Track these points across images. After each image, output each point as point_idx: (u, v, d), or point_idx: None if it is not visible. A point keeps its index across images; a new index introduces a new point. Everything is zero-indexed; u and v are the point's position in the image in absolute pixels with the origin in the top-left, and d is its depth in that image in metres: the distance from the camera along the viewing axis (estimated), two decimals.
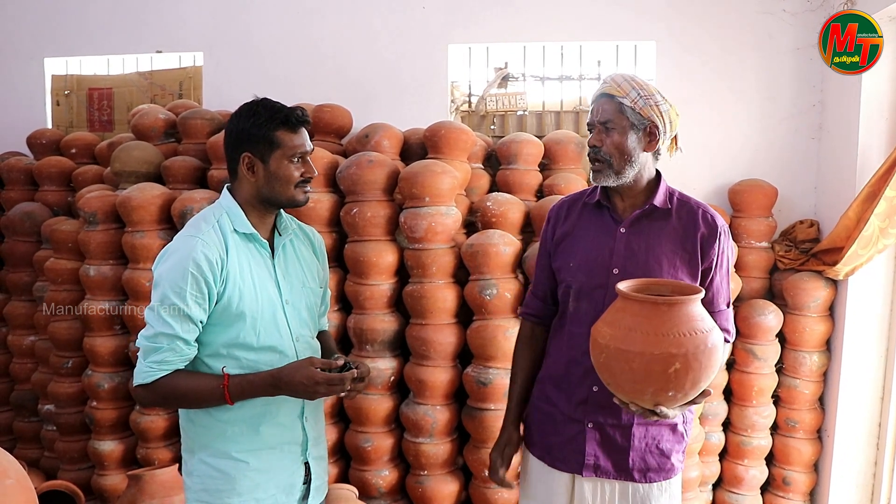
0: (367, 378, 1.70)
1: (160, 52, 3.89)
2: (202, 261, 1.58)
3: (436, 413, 2.75)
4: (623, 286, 1.53)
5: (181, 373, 1.60)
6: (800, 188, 3.30)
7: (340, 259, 2.95)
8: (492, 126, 3.77)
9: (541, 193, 3.15)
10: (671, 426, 1.76)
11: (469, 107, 3.79)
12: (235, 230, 1.67)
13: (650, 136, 1.71)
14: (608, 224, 1.78)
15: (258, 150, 1.65)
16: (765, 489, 3.17)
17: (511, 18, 3.48)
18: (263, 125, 1.63)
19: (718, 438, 3.10)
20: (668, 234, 1.74)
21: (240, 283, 1.63)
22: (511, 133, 3.44)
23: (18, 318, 3.37)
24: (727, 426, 3.14)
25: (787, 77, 3.29)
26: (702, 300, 1.67)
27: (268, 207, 1.71)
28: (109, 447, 2.99)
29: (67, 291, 3.10)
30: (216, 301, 1.61)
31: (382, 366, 2.79)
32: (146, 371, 1.58)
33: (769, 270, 3.20)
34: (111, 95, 4.02)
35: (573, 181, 3.08)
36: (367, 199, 2.81)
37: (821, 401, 3.12)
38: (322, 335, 1.94)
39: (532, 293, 1.98)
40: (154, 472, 2.56)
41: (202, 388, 1.60)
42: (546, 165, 3.24)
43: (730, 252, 1.79)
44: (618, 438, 1.74)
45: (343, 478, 2.91)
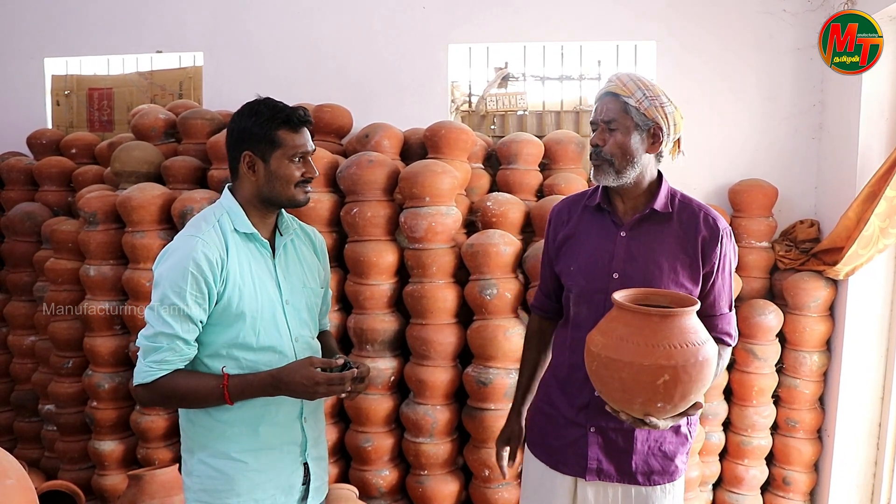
0: (368, 378, 1.70)
1: (160, 52, 3.89)
2: (202, 261, 1.58)
3: (436, 413, 2.75)
4: (618, 296, 1.52)
5: (181, 373, 1.60)
6: (800, 188, 3.30)
7: (340, 259, 2.95)
8: (492, 126, 3.77)
9: (541, 193, 3.15)
10: (674, 428, 1.74)
11: (469, 107, 3.79)
12: (236, 230, 1.67)
13: (654, 138, 1.69)
14: (609, 227, 1.76)
15: (259, 150, 1.65)
16: (765, 489, 3.17)
17: (511, 18, 3.48)
18: (265, 124, 1.63)
19: (718, 438, 3.10)
20: (669, 238, 1.71)
21: (240, 284, 1.63)
22: (511, 133, 3.44)
23: (19, 318, 3.37)
24: (727, 426, 3.14)
25: (788, 77, 3.29)
26: (704, 303, 1.67)
27: (268, 207, 1.71)
28: (110, 447, 2.99)
29: (67, 291, 3.10)
30: (216, 301, 1.61)
31: (382, 366, 2.79)
32: (146, 371, 1.58)
33: (769, 270, 3.20)
34: (111, 95, 4.02)
35: (573, 181, 3.08)
36: (368, 199, 2.81)
37: (821, 401, 3.12)
38: (323, 335, 1.94)
39: (539, 289, 2.00)
40: (154, 472, 2.56)
41: (202, 388, 1.60)
42: (546, 165, 3.24)
43: (733, 255, 1.77)
44: (620, 442, 1.73)
45: (343, 478, 2.91)
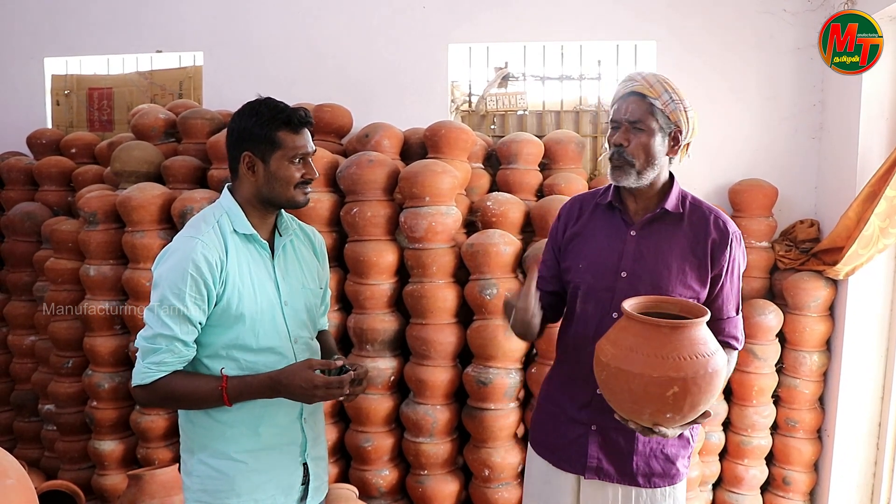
0: (366, 380, 1.70)
1: (160, 52, 3.89)
2: (202, 262, 1.57)
3: (436, 413, 2.75)
4: (628, 305, 1.52)
5: (179, 374, 1.60)
6: (800, 188, 3.30)
7: (340, 259, 2.95)
8: (492, 126, 3.77)
9: (541, 193, 3.15)
10: None
11: (469, 106, 3.79)
12: (235, 231, 1.66)
13: (674, 141, 1.69)
14: (619, 226, 1.75)
15: (259, 150, 1.64)
16: (765, 489, 3.17)
17: (511, 18, 3.48)
18: (265, 125, 1.63)
19: (718, 438, 3.09)
20: (679, 239, 1.71)
21: (239, 285, 1.63)
22: (511, 133, 3.44)
23: (18, 318, 3.37)
24: (727, 426, 3.14)
25: (788, 77, 3.29)
26: (711, 307, 1.66)
27: (268, 207, 1.70)
28: (110, 447, 2.99)
29: (67, 291, 3.10)
30: (215, 303, 1.61)
31: (382, 365, 2.79)
32: (144, 372, 1.58)
33: (769, 270, 3.20)
34: (111, 95, 4.02)
35: (573, 181, 3.08)
36: (368, 199, 2.81)
37: (821, 401, 3.12)
38: (322, 335, 1.94)
39: (539, 286, 1.87)
40: (154, 472, 2.56)
41: (200, 390, 1.59)
42: (546, 165, 3.24)
43: (742, 259, 1.76)
44: (621, 442, 1.73)
45: (343, 477, 2.91)
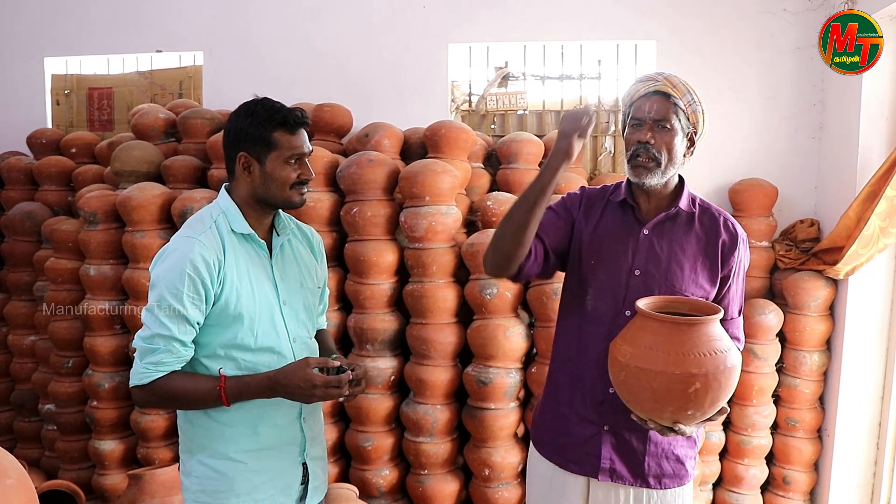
0: (364, 380, 1.69)
1: (160, 52, 3.89)
2: (199, 262, 1.57)
3: (436, 412, 2.75)
4: (643, 304, 1.53)
5: (178, 374, 1.60)
6: (800, 188, 3.30)
7: (340, 258, 2.95)
8: (492, 125, 3.77)
9: None
10: None
11: (469, 106, 3.79)
12: (233, 230, 1.66)
13: (690, 142, 1.70)
14: (631, 224, 1.75)
15: (255, 150, 1.64)
16: (765, 488, 3.17)
17: (511, 18, 3.48)
18: (261, 125, 1.62)
19: (718, 438, 3.09)
20: (691, 240, 1.72)
21: (237, 285, 1.63)
22: (511, 132, 3.44)
23: (19, 318, 3.37)
24: (727, 425, 3.14)
25: (788, 76, 3.29)
26: None
27: (264, 208, 1.70)
28: (110, 447, 2.99)
29: (68, 291, 3.10)
30: (213, 302, 1.61)
31: (383, 365, 2.79)
32: (142, 372, 1.58)
33: (769, 270, 3.20)
34: (111, 95, 4.02)
35: (573, 181, 3.08)
36: (368, 199, 2.81)
37: (821, 400, 3.12)
38: (321, 335, 1.93)
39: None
40: (154, 472, 2.56)
41: (198, 390, 1.59)
42: None
43: (746, 260, 1.79)
44: (634, 443, 1.73)
45: (343, 477, 2.91)
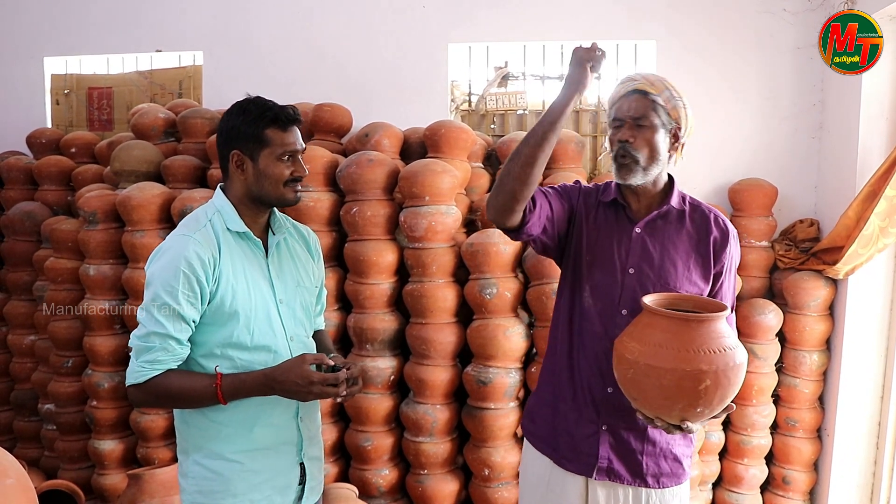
0: (361, 380, 1.68)
1: (160, 52, 3.88)
2: (194, 260, 1.57)
3: (436, 412, 2.75)
4: (649, 301, 1.54)
5: (173, 372, 1.59)
6: (800, 187, 3.30)
7: (340, 258, 2.95)
8: (492, 125, 3.77)
9: None
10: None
11: (469, 106, 3.79)
12: (228, 229, 1.66)
13: (674, 138, 1.71)
14: (623, 223, 1.76)
15: (248, 148, 1.64)
16: (765, 488, 3.17)
17: (511, 17, 3.48)
18: (253, 123, 1.62)
19: (718, 437, 3.10)
20: (683, 237, 1.74)
21: (233, 282, 1.62)
22: (511, 132, 3.44)
23: (18, 318, 3.37)
24: (727, 425, 3.14)
25: (788, 76, 3.29)
26: None
27: (259, 206, 1.70)
28: (109, 446, 2.99)
29: (67, 291, 3.10)
30: (209, 300, 1.60)
31: (382, 365, 2.79)
32: (138, 371, 1.58)
33: (769, 270, 3.20)
34: (111, 95, 4.02)
35: (573, 180, 3.07)
36: (367, 199, 2.81)
37: (821, 400, 3.12)
38: (318, 334, 1.93)
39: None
40: (154, 472, 2.56)
41: (195, 388, 1.59)
42: (546, 164, 3.23)
43: (738, 257, 1.81)
44: (632, 442, 1.73)
45: (343, 477, 2.91)
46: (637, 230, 1.74)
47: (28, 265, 3.36)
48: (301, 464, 1.75)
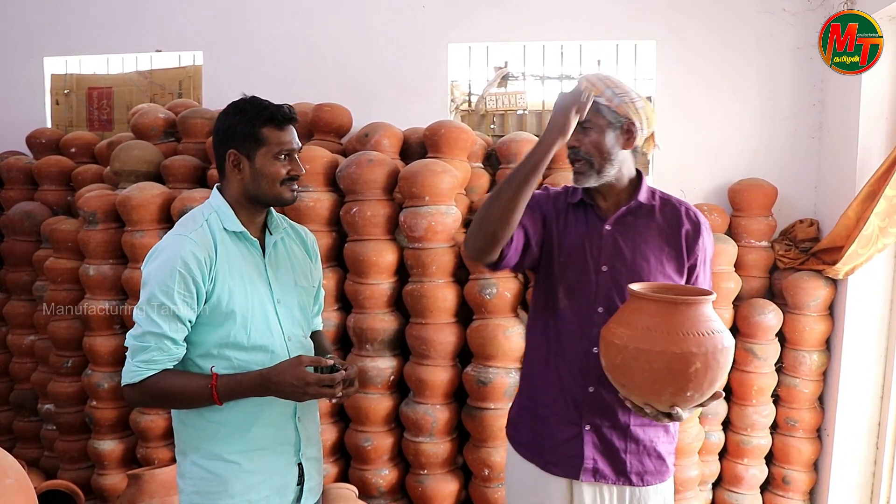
0: (357, 380, 1.68)
1: (160, 52, 3.88)
2: (190, 259, 1.57)
3: (436, 412, 2.75)
4: (637, 287, 1.54)
5: (169, 372, 1.59)
6: (800, 187, 3.30)
7: (340, 258, 2.95)
8: (492, 125, 3.77)
9: None
10: (664, 428, 1.75)
11: (469, 106, 3.79)
12: (225, 229, 1.65)
13: (627, 134, 1.70)
14: (593, 222, 1.77)
15: (244, 147, 1.64)
16: (764, 488, 3.17)
17: (511, 17, 3.48)
18: (249, 122, 1.62)
19: (718, 437, 3.10)
20: (654, 232, 1.74)
21: (229, 282, 1.62)
22: (511, 132, 3.44)
23: (18, 318, 3.37)
24: (727, 425, 3.14)
25: (788, 76, 3.29)
26: None
27: (256, 206, 1.69)
28: (109, 447, 2.99)
29: (67, 291, 3.10)
30: (205, 300, 1.60)
31: (382, 365, 2.79)
32: (134, 370, 1.57)
33: (769, 270, 3.20)
34: (111, 95, 4.02)
35: (567, 180, 3.07)
36: (367, 199, 2.81)
37: (820, 400, 3.12)
38: (316, 335, 1.92)
39: None
40: (154, 472, 2.56)
41: (190, 388, 1.58)
42: (546, 165, 3.23)
43: (711, 248, 1.80)
44: (615, 441, 1.72)
45: (343, 477, 2.91)
46: (607, 227, 1.74)
47: (28, 265, 3.36)
48: (299, 464, 1.74)
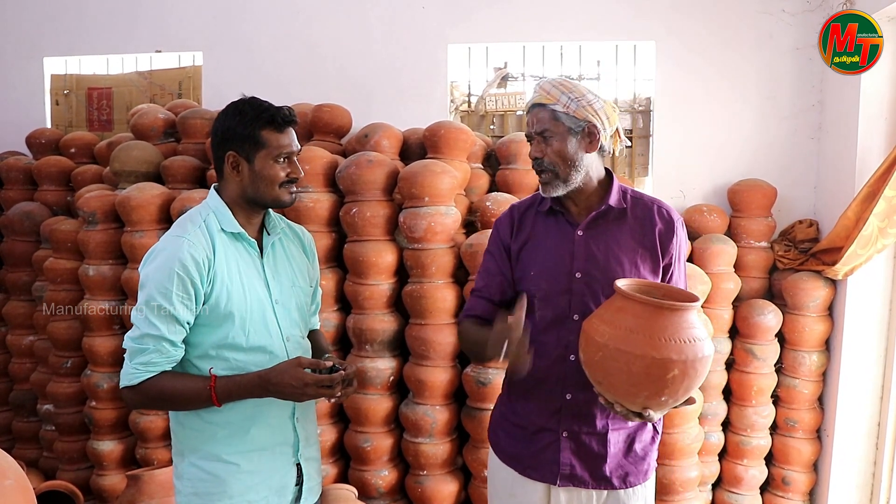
0: (356, 380, 1.67)
1: (159, 52, 3.89)
2: (188, 261, 1.56)
3: (435, 413, 2.75)
4: (623, 284, 1.51)
5: (168, 374, 1.59)
6: (799, 188, 3.30)
7: (340, 259, 2.95)
8: (491, 126, 3.77)
9: None
10: (644, 424, 1.73)
11: (468, 107, 3.79)
12: (223, 230, 1.65)
13: (590, 137, 1.68)
14: (564, 228, 1.74)
15: (243, 150, 1.63)
16: (764, 489, 3.17)
17: (510, 18, 3.48)
18: (249, 124, 1.62)
19: (718, 438, 3.10)
20: (626, 233, 1.72)
21: (227, 283, 1.62)
22: (510, 133, 3.44)
23: (18, 318, 3.37)
24: (726, 426, 3.14)
25: (787, 77, 3.29)
26: None
27: (254, 207, 1.69)
28: (108, 447, 2.99)
29: (67, 291, 3.10)
30: (204, 301, 1.60)
31: (382, 366, 2.79)
32: (132, 373, 1.57)
33: (768, 270, 3.20)
34: (110, 95, 4.02)
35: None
36: (367, 199, 2.81)
37: (820, 400, 3.12)
38: (313, 335, 1.92)
39: (477, 296, 1.83)
40: (153, 473, 2.56)
41: (189, 390, 1.58)
42: None
43: (686, 244, 1.79)
44: (594, 446, 1.71)
45: (342, 478, 2.91)
46: (579, 233, 1.72)
47: (27, 265, 3.36)
48: (298, 464, 1.74)
